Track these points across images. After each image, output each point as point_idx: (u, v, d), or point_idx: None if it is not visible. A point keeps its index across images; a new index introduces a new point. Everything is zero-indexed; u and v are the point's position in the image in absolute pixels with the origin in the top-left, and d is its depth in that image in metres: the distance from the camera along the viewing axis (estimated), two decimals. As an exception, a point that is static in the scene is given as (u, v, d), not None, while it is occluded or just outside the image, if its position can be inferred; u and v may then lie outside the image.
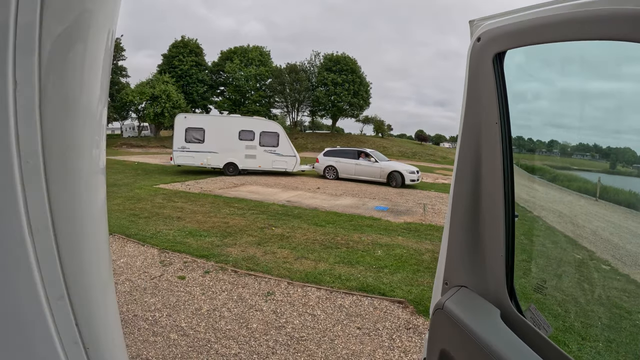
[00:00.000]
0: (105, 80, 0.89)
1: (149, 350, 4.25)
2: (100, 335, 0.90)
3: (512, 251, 1.44)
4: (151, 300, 5.51)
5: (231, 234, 9.15)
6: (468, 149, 1.50)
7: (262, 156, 22.20)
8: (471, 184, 1.50)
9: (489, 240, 1.47)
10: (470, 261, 1.54)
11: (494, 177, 1.41)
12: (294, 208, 12.74)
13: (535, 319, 1.44)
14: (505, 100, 1.38)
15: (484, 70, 1.40)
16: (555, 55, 1.41)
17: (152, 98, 52.57)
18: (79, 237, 0.85)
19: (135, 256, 7.36)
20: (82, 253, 0.86)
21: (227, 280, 6.33)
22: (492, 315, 1.38)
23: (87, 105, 0.84)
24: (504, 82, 1.37)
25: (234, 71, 62.76)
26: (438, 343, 1.49)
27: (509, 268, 1.44)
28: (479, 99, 1.44)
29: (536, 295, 1.84)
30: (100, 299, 0.91)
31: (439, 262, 1.71)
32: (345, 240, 9.01)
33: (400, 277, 6.69)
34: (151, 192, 14.46)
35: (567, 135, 1.80)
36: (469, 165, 1.50)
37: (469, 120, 1.49)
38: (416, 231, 10.24)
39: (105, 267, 0.94)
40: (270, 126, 22.88)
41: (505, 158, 1.38)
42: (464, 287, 1.56)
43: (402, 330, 4.90)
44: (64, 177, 0.81)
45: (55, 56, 0.76)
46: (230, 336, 4.61)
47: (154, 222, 9.87)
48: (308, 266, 7.09)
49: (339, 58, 63.24)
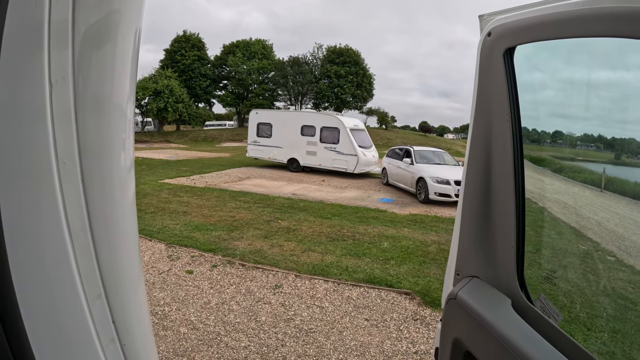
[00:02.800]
0: (134, 78, 0.89)
1: (159, 345, 4.30)
2: (134, 331, 0.91)
3: (523, 242, 1.46)
4: (160, 294, 5.57)
5: (237, 227, 9.20)
6: (479, 143, 1.52)
7: (322, 153, 20.76)
8: (482, 177, 1.51)
9: (500, 231, 1.49)
10: (481, 252, 1.56)
11: (505, 170, 1.43)
12: (300, 201, 12.77)
13: (545, 308, 1.46)
14: (516, 94, 1.39)
15: (495, 65, 1.41)
16: (565, 50, 1.41)
17: (155, 93, 52.52)
18: (114, 236, 0.86)
19: (143, 251, 7.41)
20: (117, 251, 0.87)
21: (235, 274, 6.38)
22: (504, 304, 1.40)
23: (118, 104, 0.85)
24: (514, 77, 1.38)
25: (237, 65, 62.59)
26: (451, 332, 1.51)
27: (520, 259, 1.46)
28: (489, 94, 1.45)
29: (545, 285, 1.86)
30: (133, 295, 0.92)
31: (450, 253, 1.73)
32: (352, 232, 9.04)
33: (406, 268, 6.73)
34: (156, 187, 14.51)
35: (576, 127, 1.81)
36: (480, 159, 1.51)
37: (479, 114, 1.50)
38: (422, 223, 10.26)
39: (136, 263, 0.95)
40: (331, 121, 20.82)
41: (515, 151, 1.39)
42: (475, 277, 1.59)
43: (410, 322, 4.94)
44: (98, 177, 0.82)
45: (86, 56, 0.76)
46: (240, 329, 4.65)
47: (160, 217, 9.92)
48: (315, 259, 7.13)
49: (342, 50, 63.04)
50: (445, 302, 1.54)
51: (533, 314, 1.39)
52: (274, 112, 26.60)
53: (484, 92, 1.47)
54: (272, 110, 28.05)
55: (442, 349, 1.58)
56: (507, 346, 1.19)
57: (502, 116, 1.40)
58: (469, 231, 1.60)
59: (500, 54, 1.38)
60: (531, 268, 1.88)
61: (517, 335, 1.22)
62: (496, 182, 1.47)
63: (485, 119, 1.48)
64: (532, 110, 1.60)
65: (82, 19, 0.75)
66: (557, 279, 2.04)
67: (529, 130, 1.58)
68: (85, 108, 0.78)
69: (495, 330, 1.25)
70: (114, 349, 0.87)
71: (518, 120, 1.40)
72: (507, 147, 1.40)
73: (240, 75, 62.57)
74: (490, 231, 1.52)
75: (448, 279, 1.74)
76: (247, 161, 25.46)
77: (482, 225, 1.55)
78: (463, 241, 1.63)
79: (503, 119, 1.40)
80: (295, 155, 21.48)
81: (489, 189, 1.50)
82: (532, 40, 1.29)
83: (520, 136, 1.41)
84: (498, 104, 1.42)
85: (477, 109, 1.51)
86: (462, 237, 1.63)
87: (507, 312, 1.35)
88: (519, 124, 1.40)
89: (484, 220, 1.54)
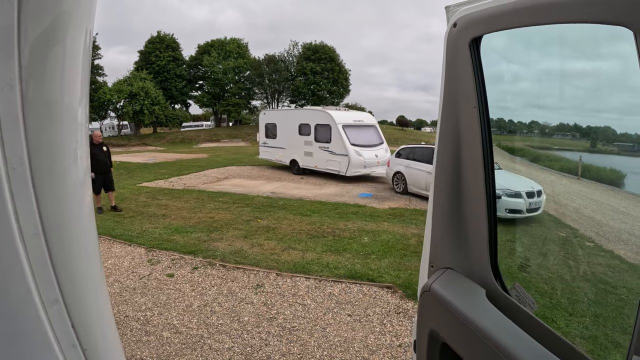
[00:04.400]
0: (85, 80, 0.88)
1: (142, 350, 4.26)
2: (96, 336, 0.91)
3: (495, 231, 1.48)
4: (141, 299, 5.51)
5: (217, 228, 9.14)
6: (448, 134, 1.53)
7: (317, 154, 18.52)
8: (452, 167, 1.53)
9: (471, 221, 1.51)
10: (454, 243, 1.58)
11: (474, 160, 1.44)
12: (279, 199, 12.75)
13: (521, 297, 1.49)
14: (483, 84, 1.41)
15: (461, 55, 1.43)
16: (532, 38, 1.43)
17: (130, 96, 51.76)
18: (69, 240, 0.85)
19: (123, 257, 7.32)
20: (73, 256, 0.86)
21: (216, 275, 6.35)
22: (478, 294, 1.42)
23: (69, 107, 0.84)
24: (481, 66, 1.40)
25: (212, 65, 61.94)
26: (427, 324, 1.53)
27: (493, 248, 1.48)
28: (456, 84, 1.47)
29: (521, 273, 1.89)
30: (93, 300, 0.92)
31: (424, 245, 1.75)
32: (332, 228, 9.07)
33: (387, 262, 6.78)
34: (134, 191, 14.31)
35: (547, 115, 1.84)
36: (450, 149, 1.53)
37: (447, 105, 1.52)
38: (401, 216, 10.34)
39: (96, 268, 0.94)
40: (323, 117, 18.25)
41: (484, 140, 1.41)
42: (449, 268, 1.60)
43: (393, 315, 4.99)
44: (50, 181, 0.81)
45: (34, 59, 0.75)
46: (223, 330, 4.64)
47: (139, 221, 9.79)
48: (296, 256, 7.14)
49: (318, 47, 62.94)
50: (420, 295, 1.56)
51: (508, 303, 1.41)
52: (278, 111, 24.98)
53: (451, 83, 1.49)
54: (277, 110, 26.22)
55: (419, 342, 1.60)
56: (483, 336, 1.20)
57: (470, 107, 1.42)
58: (441, 222, 1.61)
59: (466, 44, 1.40)
60: (507, 257, 1.91)
61: (492, 325, 1.23)
62: (466, 172, 1.49)
63: (454, 110, 1.50)
64: (501, 98, 1.63)
65: (29, 23, 0.73)
66: (535, 266, 2.07)
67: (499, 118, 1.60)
68: (35, 111, 0.77)
69: (470, 321, 1.27)
70: (75, 354, 0.86)
71: (486, 110, 1.42)
72: (476, 138, 1.42)
73: (216, 75, 61.97)
74: (462, 222, 1.54)
75: (423, 272, 1.76)
76: (225, 161, 25.31)
77: (454, 216, 1.57)
78: (435, 233, 1.64)
79: (471, 110, 1.42)
80: (295, 156, 19.89)
81: (460, 180, 1.52)
82: (497, 29, 1.30)
83: (489, 126, 1.43)
84: (465, 95, 1.43)
85: (445, 99, 1.53)
86: (435, 229, 1.64)
87: (482, 302, 1.37)
88: (487, 113, 1.42)
89: (455, 211, 1.56)
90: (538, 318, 1.32)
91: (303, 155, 19.34)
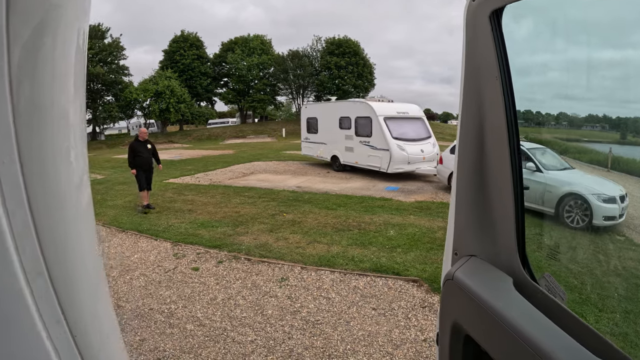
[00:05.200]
0: (80, 79, 0.85)
1: (166, 342, 4.27)
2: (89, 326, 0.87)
3: (523, 216, 1.36)
4: (166, 293, 5.54)
5: (243, 222, 9.16)
6: (471, 115, 1.42)
7: (358, 149, 17.09)
8: (476, 146, 1.42)
9: (497, 205, 1.39)
10: (479, 228, 1.47)
11: (499, 135, 1.33)
12: (304, 193, 12.71)
13: (550, 287, 1.37)
14: (505, 58, 1.30)
15: (481, 29, 1.33)
16: (555, 9, 1.33)
17: (156, 94, 52.76)
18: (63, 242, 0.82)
19: (149, 251, 7.40)
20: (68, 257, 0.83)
21: (241, 269, 6.34)
22: (504, 283, 1.31)
23: (62, 108, 0.81)
24: (503, 39, 1.30)
25: (236, 62, 62.50)
26: (450, 316, 1.43)
27: (520, 234, 1.37)
28: (478, 60, 1.36)
29: (550, 262, 1.78)
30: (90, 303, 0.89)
31: (447, 232, 1.63)
32: (357, 222, 8.98)
33: (413, 255, 6.66)
34: (161, 187, 14.50)
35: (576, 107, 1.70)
36: (473, 133, 1.42)
37: (469, 79, 1.41)
38: (428, 209, 10.17)
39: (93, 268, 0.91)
40: (362, 109, 16.83)
41: (508, 116, 1.30)
42: (474, 256, 1.49)
43: (418, 309, 4.88)
44: (42, 182, 0.78)
45: (24, 58, 0.73)
46: (246, 323, 4.61)
47: (166, 217, 9.90)
48: (321, 250, 7.08)
49: (341, 41, 62.73)
50: (443, 284, 1.46)
51: (537, 293, 1.30)
52: (319, 104, 23.21)
53: (472, 59, 1.39)
54: (318, 103, 24.92)
55: (441, 334, 1.50)
56: (509, 328, 1.10)
57: (492, 79, 1.32)
58: (465, 206, 1.50)
59: (486, 17, 1.30)
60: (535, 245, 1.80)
61: (519, 316, 1.12)
62: (490, 150, 1.38)
63: (476, 86, 1.39)
64: (524, 74, 1.51)
65: (18, 21, 0.71)
66: (562, 255, 1.96)
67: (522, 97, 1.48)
68: (24, 116, 0.74)
69: (496, 312, 1.16)
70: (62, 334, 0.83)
71: (509, 84, 1.31)
72: (500, 113, 1.31)
73: (241, 71, 62.49)
74: (487, 204, 1.43)
75: (446, 260, 1.64)
76: (251, 157, 25.44)
77: (479, 198, 1.45)
78: (460, 217, 1.53)
79: (494, 85, 1.32)
80: (336, 151, 18.55)
81: (483, 159, 1.41)
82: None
83: (513, 100, 1.31)
84: (487, 69, 1.33)
85: (466, 76, 1.42)
86: (459, 213, 1.53)
87: (508, 292, 1.26)
88: (510, 88, 1.31)
89: (480, 193, 1.45)
90: (569, 310, 1.21)
91: (344, 150, 18.03)
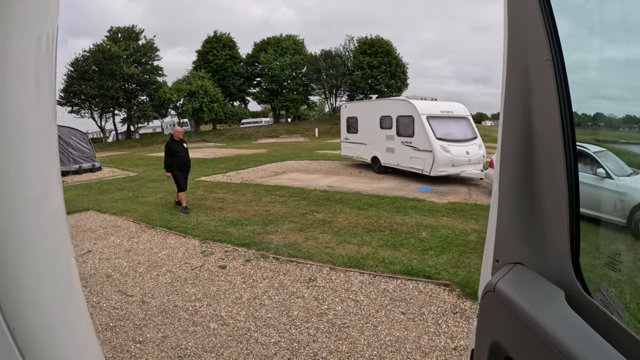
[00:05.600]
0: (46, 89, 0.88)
1: (188, 340, 4.21)
2: None
3: (578, 217, 1.16)
4: (192, 290, 5.50)
5: (272, 221, 9.10)
6: (515, 95, 1.22)
7: (400, 150, 15.89)
8: (522, 135, 1.22)
9: (548, 207, 1.18)
10: (525, 232, 1.26)
11: (551, 129, 1.14)
12: (336, 193, 12.56)
13: (607, 302, 1.17)
14: (556, 34, 1.11)
15: (527, 3, 1.15)
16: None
17: (190, 94, 53.83)
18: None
19: (177, 247, 7.41)
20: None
21: (268, 268, 6.25)
22: (555, 297, 1.10)
23: (15, 116, 0.82)
24: (552, 14, 1.12)
25: (269, 62, 63.04)
26: (489, 333, 1.23)
27: (574, 239, 1.16)
28: (522, 37, 1.18)
29: (608, 272, 1.55)
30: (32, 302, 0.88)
31: (487, 235, 1.40)
32: (389, 222, 8.77)
33: (445, 258, 6.42)
34: (192, 185, 14.64)
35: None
36: (518, 119, 1.21)
37: (512, 61, 1.22)
38: (461, 211, 9.86)
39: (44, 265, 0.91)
40: (404, 108, 15.63)
41: (562, 102, 1.11)
42: (519, 264, 1.28)
43: (449, 315, 4.66)
44: None
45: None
46: (271, 324, 4.50)
47: (195, 214, 9.94)
48: (350, 250, 6.92)
49: (374, 41, 62.42)
50: (482, 296, 1.25)
51: (592, 309, 1.10)
52: (359, 103, 21.71)
53: (516, 37, 1.20)
54: (358, 102, 23.09)
55: (477, 353, 1.30)
56: (559, 350, 0.91)
57: (541, 61, 1.13)
58: (510, 207, 1.30)
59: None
60: (589, 251, 1.58)
61: (571, 336, 0.93)
62: (539, 140, 1.18)
63: (521, 72, 1.20)
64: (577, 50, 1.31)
65: None
66: (621, 264, 1.73)
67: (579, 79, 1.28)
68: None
69: (544, 330, 0.97)
70: None
71: (562, 67, 1.12)
72: (552, 99, 1.12)
73: (273, 71, 62.99)
74: (537, 206, 1.21)
75: (485, 267, 1.42)
76: (284, 156, 25.47)
77: (526, 199, 1.25)
78: (502, 219, 1.32)
79: (543, 67, 1.13)
80: (377, 152, 17.53)
81: (531, 151, 1.20)
82: None
83: (566, 85, 1.12)
84: (535, 47, 1.14)
85: (509, 60, 1.23)
86: (502, 215, 1.32)
87: (559, 307, 1.06)
88: (563, 71, 1.12)
89: (527, 193, 1.25)
90: (629, 329, 1.01)
91: (385, 151, 16.94)
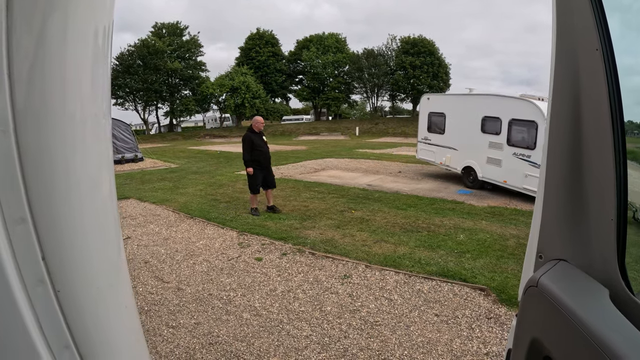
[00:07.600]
0: (101, 84, 0.89)
1: (220, 328, 4.30)
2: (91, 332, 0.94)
3: (625, 214, 1.12)
4: (227, 280, 5.61)
5: (310, 217, 9.15)
6: (564, 86, 1.18)
7: (509, 163, 12.01)
8: (570, 129, 1.18)
9: (595, 199, 1.15)
10: (571, 227, 1.22)
11: (600, 123, 1.10)
12: (375, 192, 12.50)
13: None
14: (605, 24, 1.08)
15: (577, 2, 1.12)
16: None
17: (232, 90, 54.73)
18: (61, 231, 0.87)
19: (215, 238, 7.57)
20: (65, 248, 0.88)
21: (304, 263, 6.30)
22: (599, 296, 1.06)
23: (70, 112, 0.84)
24: (601, 3, 1.08)
25: (311, 59, 63.19)
26: (529, 330, 1.19)
27: (621, 236, 1.12)
28: (570, 25, 1.15)
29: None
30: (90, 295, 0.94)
31: (531, 230, 1.38)
32: (427, 223, 8.67)
33: (482, 262, 6.29)
34: (232, 178, 14.88)
35: None
36: (566, 109, 1.18)
37: (561, 49, 1.18)
38: (500, 215, 9.63)
39: (99, 261, 0.95)
40: (522, 110, 11.69)
41: (611, 89, 1.08)
42: (563, 260, 1.23)
43: (483, 320, 4.56)
44: (43, 180, 0.82)
45: (24, 63, 0.75)
46: (303, 318, 4.54)
47: (234, 207, 10.12)
48: (387, 249, 6.88)
49: (416, 40, 61.52)
50: (524, 291, 1.22)
51: (637, 310, 1.07)
52: (448, 97, 17.88)
53: (564, 26, 1.17)
54: (447, 95, 19.97)
55: (515, 351, 1.28)
56: (602, 349, 0.88)
57: (591, 49, 1.10)
58: (556, 201, 1.25)
59: None
60: (634, 250, 1.51)
61: (616, 335, 0.90)
62: (587, 133, 1.14)
63: (571, 60, 1.17)
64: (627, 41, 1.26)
65: (18, 23, 0.70)
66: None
67: None
68: (26, 118, 0.76)
69: (587, 328, 0.93)
70: None
71: (612, 58, 1.08)
72: (602, 100, 1.08)
73: (315, 69, 63.13)
74: (583, 199, 1.17)
75: (528, 263, 1.37)
76: (324, 153, 25.49)
77: (572, 194, 1.21)
78: (547, 214, 1.28)
79: (592, 52, 1.09)
80: (472, 162, 13.61)
81: (579, 144, 1.16)
82: None
83: (616, 75, 1.08)
84: (584, 36, 1.11)
85: (557, 51, 1.20)
86: (547, 209, 1.28)
87: (604, 305, 1.02)
88: (613, 62, 1.08)
89: (574, 188, 1.20)
90: None
91: (485, 162, 13.06)
